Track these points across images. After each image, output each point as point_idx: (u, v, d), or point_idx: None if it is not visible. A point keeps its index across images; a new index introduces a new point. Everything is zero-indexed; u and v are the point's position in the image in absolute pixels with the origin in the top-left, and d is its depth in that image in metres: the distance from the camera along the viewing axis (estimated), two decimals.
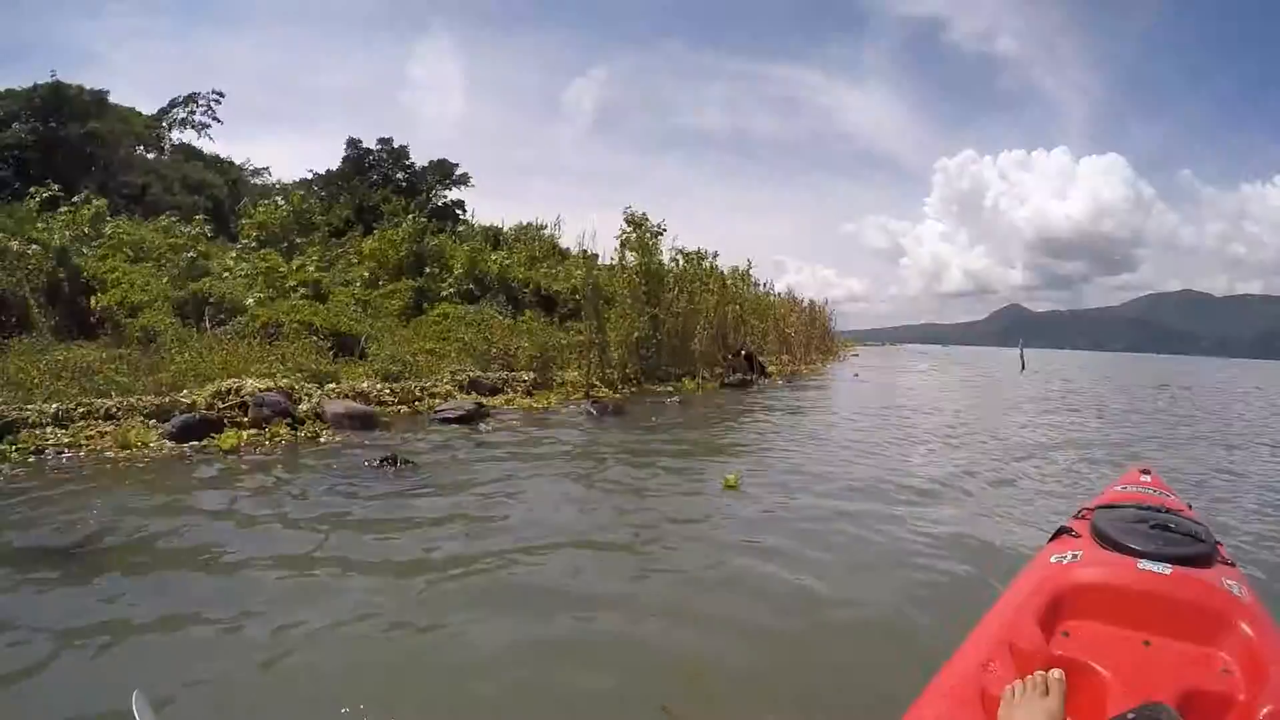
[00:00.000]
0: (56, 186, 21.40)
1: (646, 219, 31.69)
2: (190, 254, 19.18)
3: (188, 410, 9.63)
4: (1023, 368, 37.76)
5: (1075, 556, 3.04)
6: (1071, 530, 3.39)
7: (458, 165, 41.53)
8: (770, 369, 25.73)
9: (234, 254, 20.77)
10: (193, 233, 21.06)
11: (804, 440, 11.48)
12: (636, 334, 18.06)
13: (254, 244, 21.91)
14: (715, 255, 25.19)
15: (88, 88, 33.75)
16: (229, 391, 10.09)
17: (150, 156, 35.65)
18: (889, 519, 6.54)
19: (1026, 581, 2.99)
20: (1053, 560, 3.06)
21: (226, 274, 18.70)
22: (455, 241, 25.82)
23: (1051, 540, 3.44)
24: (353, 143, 40.43)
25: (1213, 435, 14.11)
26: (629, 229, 31.87)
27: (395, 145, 40.77)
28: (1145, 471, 4.86)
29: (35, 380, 9.78)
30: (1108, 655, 2.42)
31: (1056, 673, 2.06)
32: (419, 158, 41.66)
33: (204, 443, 8.90)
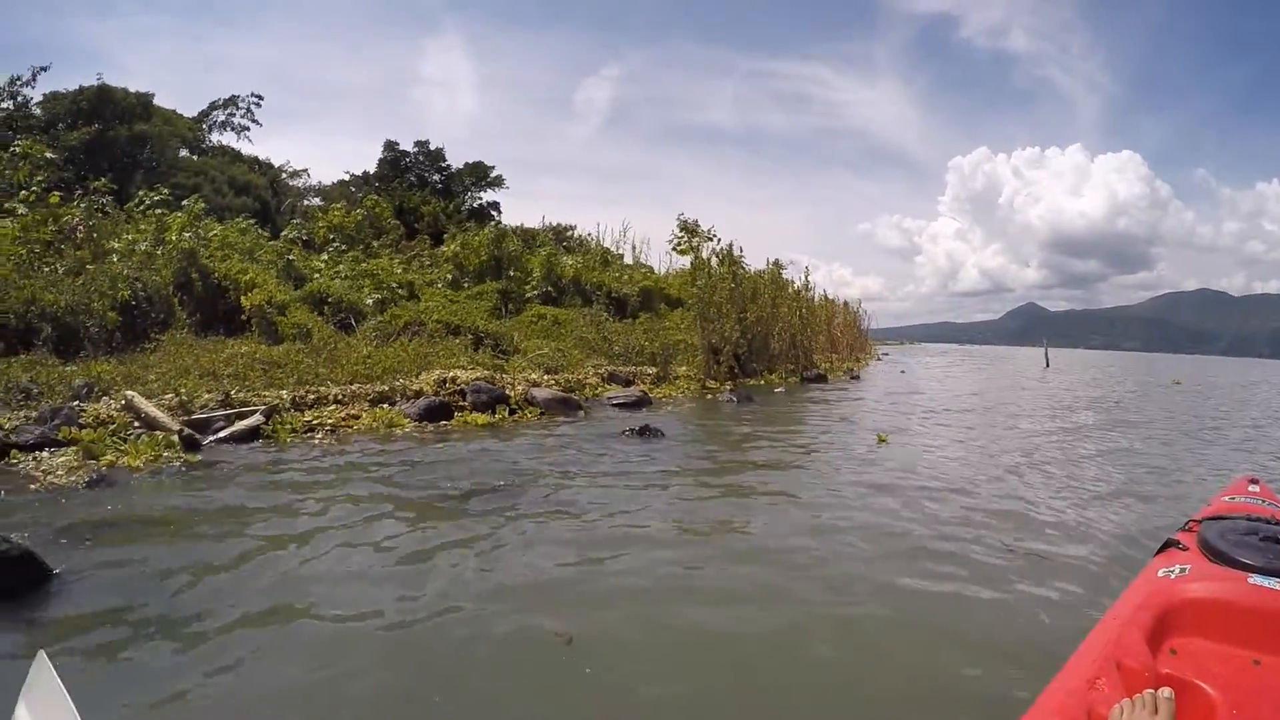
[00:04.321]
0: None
1: (698, 225, 34.03)
2: (289, 256, 21.08)
3: (414, 397, 11.62)
4: (1047, 365, 40.56)
5: (1183, 571, 3.05)
6: (1179, 543, 3.40)
7: (493, 168, 43.63)
8: (822, 366, 27.81)
9: (325, 256, 22.66)
10: (289, 236, 22.94)
11: (913, 414, 14.80)
12: (736, 335, 20.25)
13: (341, 246, 23.82)
14: (789, 264, 27.61)
15: (132, 90, 35.70)
16: (446, 380, 12.09)
17: (195, 158, 37.47)
18: (996, 512, 6.99)
19: (1133, 596, 3.01)
20: (1160, 574, 3.08)
21: (317, 275, 20.58)
22: (522, 245, 27.83)
23: (1158, 553, 3.45)
24: (390, 145, 42.60)
25: None
26: (682, 234, 34.22)
27: (431, 148, 42.81)
28: (1253, 481, 4.78)
29: (239, 371, 11.83)
30: (1216, 675, 2.45)
31: (1166, 692, 2.09)
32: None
33: (448, 423, 11.03)
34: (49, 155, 20.44)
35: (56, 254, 16.15)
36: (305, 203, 40.62)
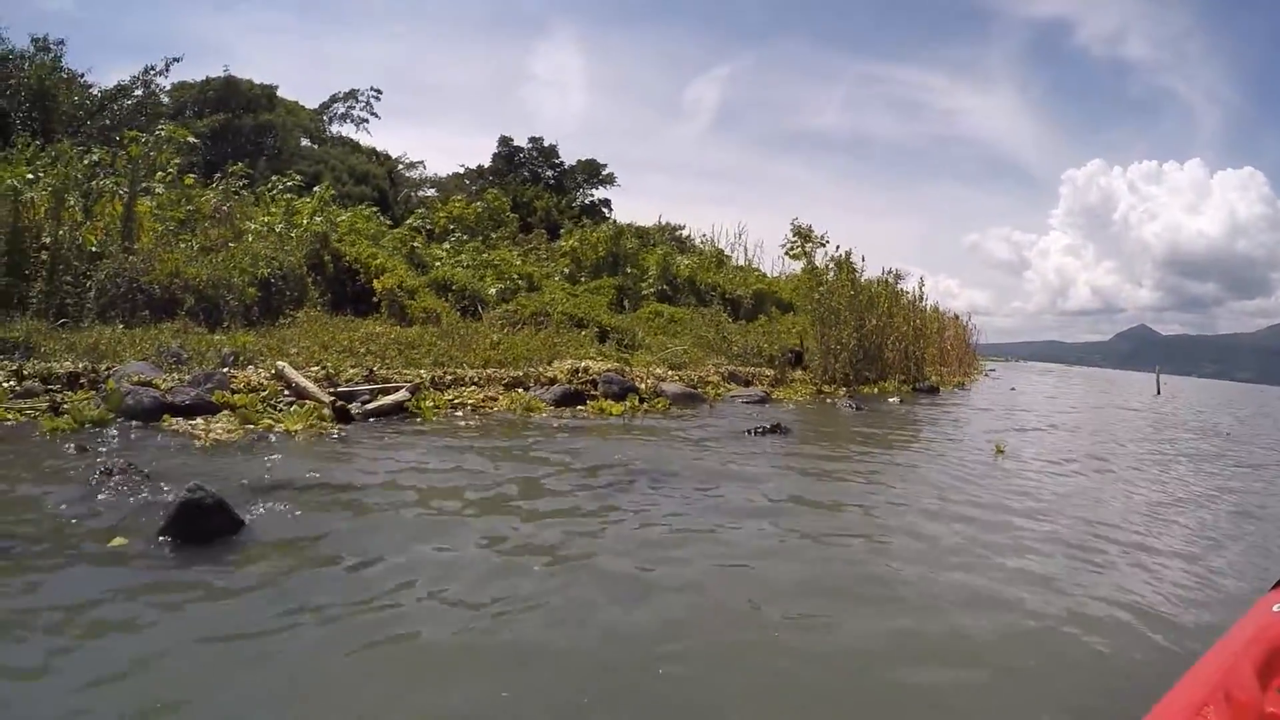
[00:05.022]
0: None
1: (812, 230, 33.76)
2: (413, 244, 21.45)
3: (548, 383, 11.64)
4: (1158, 392, 39.04)
5: None
6: None
7: (605, 165, 43.91)
8: (933, 379, 27.12)
9: (446, 246, 22.98)
10: (412, 225, 23.37)
11: (1027, 429, 14.32)
12: (854, 342, 19.87)
13: (462, 236, 24.15)
14: (906, 275, 27.17)
15: (257, 81, 36.94)
16: (578, 370, 12.08)
17: (316, 148, 38.54)
18: (1115, 526, 6.81)
19: (1244, 630, 2.92)
20: (1275, 609, 2.98)
21: (438, 263, 20.88)
22: (638, 243, 27.86)
23: (1274, 588, 3.35)
24: (504, 140, 43.35)
25: None
26: (795, 239, 34.01)
27: (545, 144, 43.34)
28: None
29: (380, 350, 12.08)
30: None
31: None
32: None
33: (582, 409, 11.05)
34: (192, 140, 21.13)
35: (190, 232, 16.69)
36: (420, 194, 41.40)
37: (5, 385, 8.51)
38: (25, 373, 9.02)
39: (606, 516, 5.68)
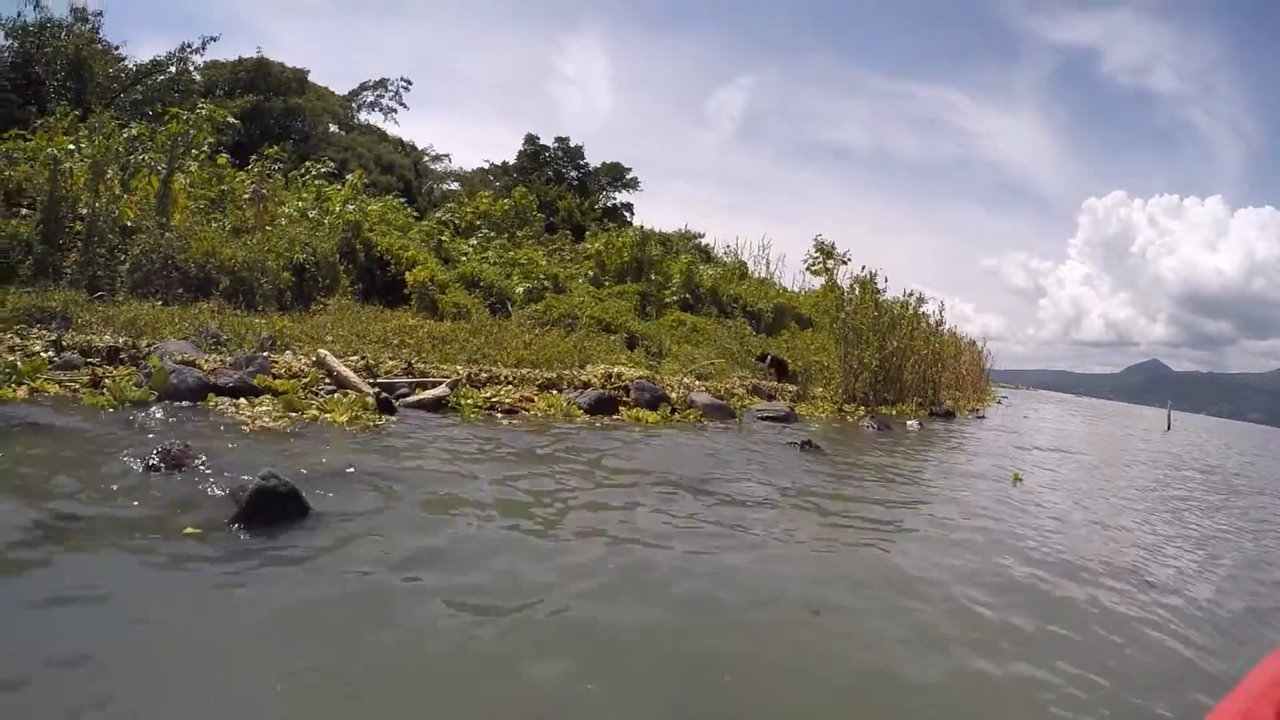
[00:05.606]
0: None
1: (834, 247, 33.81)
2: (441, 237, 21.45)
3: (582, 387, 11.63)
4: (1168, 428, 39.14)
5: None
6: None
7: (629, 169, 43.91)
8: (948, 404, 27.07)
9: (474, 241, 22.98)
10: (440, 218, 23.39)
11: (1043, 459, 14.32)
12: (875, 363, 19.85)
13: (489, 233, 24.15)
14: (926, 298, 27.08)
15: (289, 65, 37.00)
16: (612, 376, 12.08)
17: (344, 134, 38.59)
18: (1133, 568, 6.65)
19: (1264, 673, 3.50)
20: None
21: (464, 258, 20.87)
22: (665, 249, 27.85)
23: None
24: (530, 139, 43.34)
25: None
26: (818, 255, 34.06)
27: (571, 145, 43.38)
28: None
29: (418, 343, 12.09)
30: None
31: None
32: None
33: (616, 416, 11.02)
34: (231, 120, 21.13)
35: (221, 212, 16.71)
36: (444, 186, 41.44)
37: (45, 355, 8.50)
38: (64, 344, 9.03)
39: (690, 531, 5.77)
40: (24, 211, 13.28)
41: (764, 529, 6.01)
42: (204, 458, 5.50)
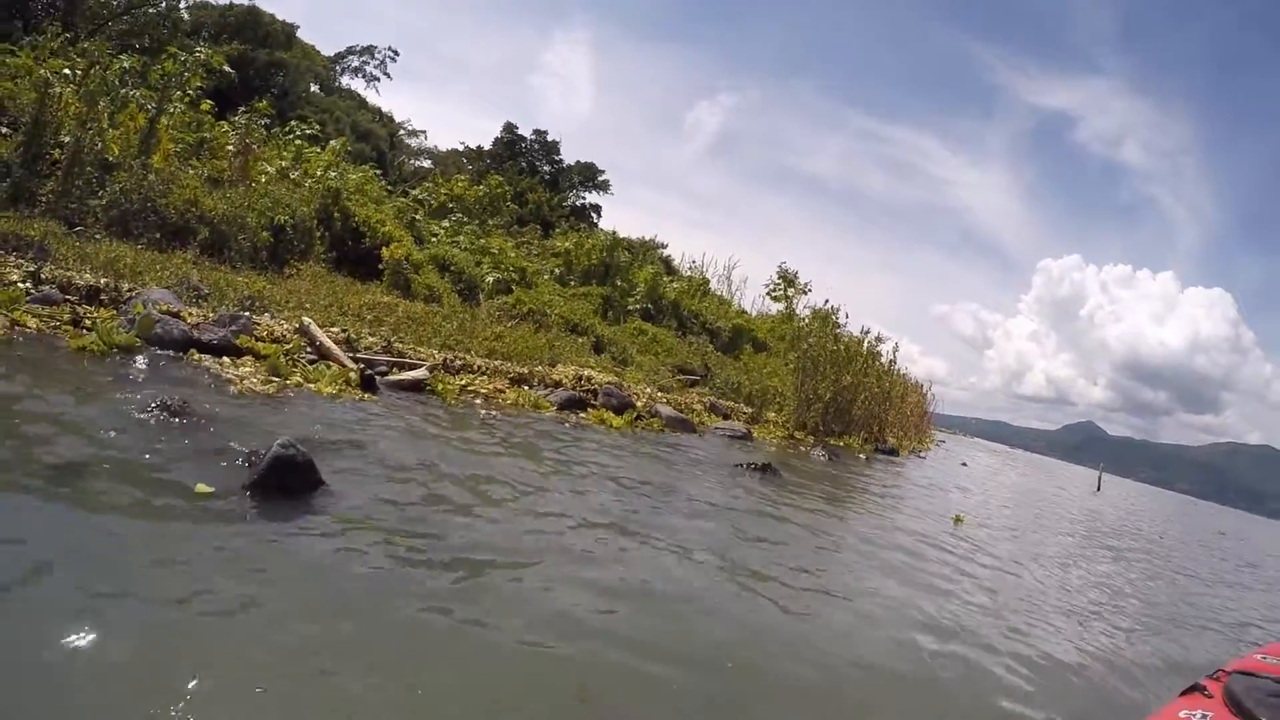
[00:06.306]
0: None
1: (797, 277, 34.38)
2: (415, 216, 21.39)
3: (553, 386, 11.83)
4: (1098, 489, 40.55)
5: (1204, 718, 3.05)
6: (1204, 689, 3.34)
7: (602, 171, 44.07)
8: (891, 441, 27.66)
9: (447, 224, 22.94)
10: (417, 196, 23.31)
11: (984, 504, 15.46)
12: (829, 395, 20.26)
13: (461, 218, 24.12)
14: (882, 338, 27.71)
15: (280, 18, 36.53)
16: (582, 378, 12.28)
17: (325, 96, 38.16)
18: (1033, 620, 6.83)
19: None
20: (1181, 715, 3.08)
21: (434, 239, 20.83)
22: (631, 256, 28.05)
23: (1182, 695, 3.41)
24: (509, 127, 43.23)
25: None
26: (780, 282, 34.59)
27: (549, 139, 43.42)
28: None
29: (396, 322, 12.24)
30: None
31: None
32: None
33: (584, 416, 11.34)
34: (226, 69, 20.81)
35: (198, 159, 16.49)
36: (416, 163, 41.19)
37: (23, 286, 8.38)
38: (43, 276, 8.90)
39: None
40: (3, 131, 13.01)
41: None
42: (202, 418, 5.54)
